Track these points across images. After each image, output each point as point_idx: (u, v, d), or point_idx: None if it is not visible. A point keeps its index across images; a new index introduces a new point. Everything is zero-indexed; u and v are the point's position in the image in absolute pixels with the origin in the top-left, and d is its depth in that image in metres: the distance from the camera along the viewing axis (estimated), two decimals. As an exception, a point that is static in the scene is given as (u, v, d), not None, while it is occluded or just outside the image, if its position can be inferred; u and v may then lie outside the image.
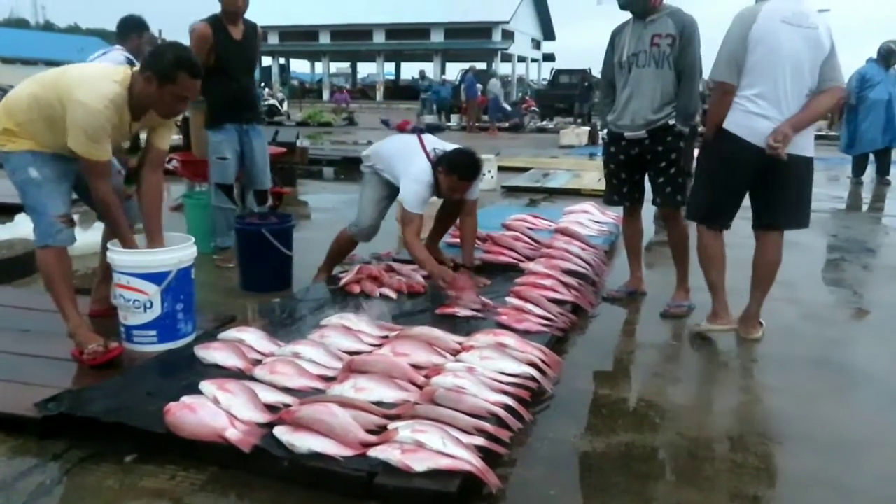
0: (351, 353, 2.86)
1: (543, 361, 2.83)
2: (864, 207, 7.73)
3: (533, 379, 2.70)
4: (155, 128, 3.00)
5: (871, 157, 9.46)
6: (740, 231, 3.67)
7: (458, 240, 4.45)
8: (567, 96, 23.18)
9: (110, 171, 2.89)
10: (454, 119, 20.29)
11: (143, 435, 2.27)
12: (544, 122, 21.28)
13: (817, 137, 3.57)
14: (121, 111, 2.76)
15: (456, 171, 3.65)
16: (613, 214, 5.72)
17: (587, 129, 15.96)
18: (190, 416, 2.23)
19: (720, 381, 3.07)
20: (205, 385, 2.44)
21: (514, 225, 4.98)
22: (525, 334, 3.10)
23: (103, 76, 2.76)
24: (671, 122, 3.62)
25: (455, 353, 2.88)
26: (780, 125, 3.07)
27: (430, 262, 3.70)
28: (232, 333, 3.01)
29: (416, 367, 2.70)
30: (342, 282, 3.89)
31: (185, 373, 2.70)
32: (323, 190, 8.75)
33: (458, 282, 3.61)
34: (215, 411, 2.27)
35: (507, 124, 20.51)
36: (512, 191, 8.34)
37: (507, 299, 3.52)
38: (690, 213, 3.53)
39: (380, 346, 2.97)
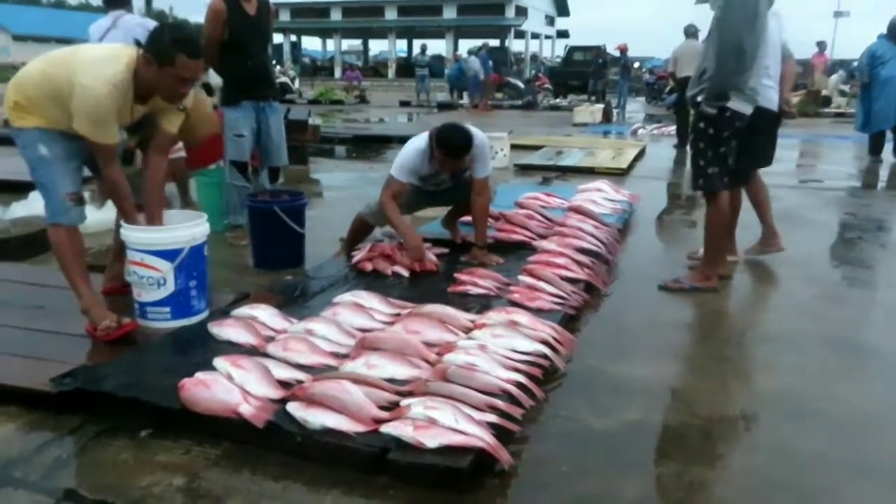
0: (363, 331, 2.87)
1: (556, 339, 2.82)
2: (881, 185, 7.62)
3: (545, 357, 2.69)
4: (163, 111, 2.98)
5: (890, 135, 9.32)
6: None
7: (467, 217, 4.45)
8: (581, 73, 22.97)
9: (118, 154, 2.87)
10: (466, 96, 20.12)
11: (158, 410, 2.29)
12: (558, 100, 21.12)
13: (838, 115, 3.94)
14: (125, 95, 2.73)
15: (441, 146, 3.68)
16: (627, 193, 5.69)
17: (601, 106, 15.81)
18: (204, 392, 2.25)
19: (734, 359, 3.06)
20: (218, 361, 2.46)
21: (527, 203, 4.95)
22: (537, 312, 3.10)
23: (110, 59, 2.71)
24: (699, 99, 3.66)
25: (467, 330, 2.88)
26: (785, 94, 4.04)
27: (405, 227, 3.77)
28: (245, 310, 3.02)
29: (428, 344, 2.70)
30: (354, 260, 3.89)
31: (198, 349, 2.71)
32: (335, 168, 8.74)
33: (416, 252, 3.70)
34: (229, 387, 2.29)
35: (519, 102, 20.37)
36: (525, 169, 8.29)
37: (520, 277, 3.52)
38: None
39: (392, 323, 2.97)
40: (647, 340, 3.20)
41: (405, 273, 3.75)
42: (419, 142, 3.79)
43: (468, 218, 4.53)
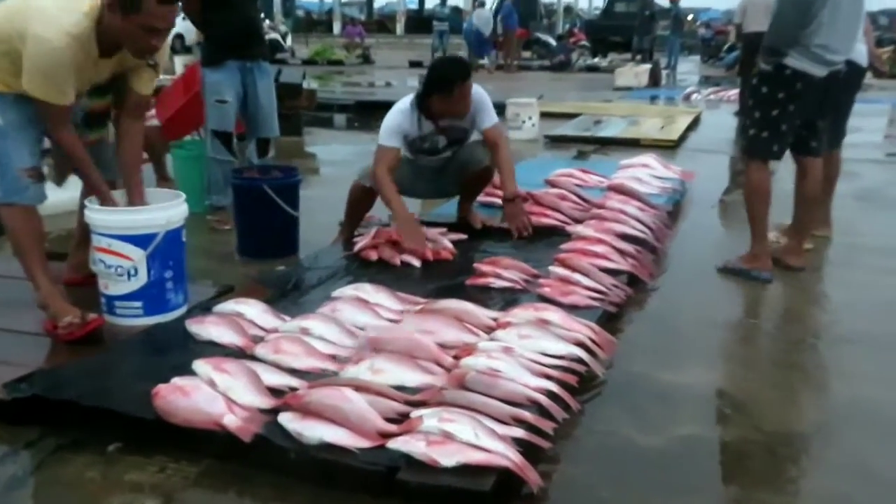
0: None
1: (593, 341, 2.81)
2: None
3: (581, 361, 2.69)
4: (135, 69, 2.98)
5: None
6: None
7: (491, 198, 4.44)
8: (624, 28, 22.68)
9: (69, 117, 2.86)
10: (489, 55, 20.05)
11: (129, 421, 2.31)
12: (596, 60, 21.00)
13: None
14: (86, 48, 2.71)
15: (436, 83, 3.73)
16: (678, 169, 5.65)
17: (648, 67, 15.69)
18: (182, 401, 2.26)
19: (805, 365, 3.04)
20: (198, 365, 2.47)
21: (560, 181, 4.93)
22: (572, 309, 3.09)
23: (69, 6, 2.69)
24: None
25: (489, 330, 2.88)
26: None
27: (398, 203, 3.78)
28: (229, 306, 3.04)
29: (443, 346, 2.70)
30: (357, 247, 3.90)
31: (175, 350, 2.73)
32: (333, 140, 8.77)
33: (412, 238, 3.73)
34: (211, 395, 2.30)
35: (550, 62, 20.28)
36: (557, 141, 8.27)
37: (551, 268, 3.51)
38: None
39: (401, 321, 2.97)
40: (702, 342, 3.19)
41: (416, 263, 3.75)
42: (402, 103, 3.88)
43: (487, 199, 4.54)
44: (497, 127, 4.05)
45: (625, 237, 3.98)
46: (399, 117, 3.84)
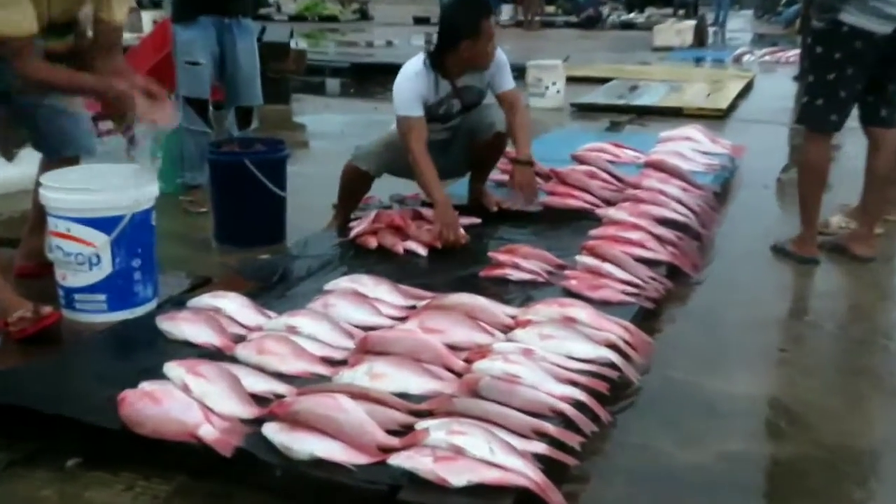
0: (366, 329, 2.88)
1: (627, 342, 2.81)
2: None
3: (612, 366, 2.69)
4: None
5: None
6: None
7: (505, 176, 4.44)
8: (664, -22, 22.66)
9: (33, 50, 2.86)
10: (506, 10, 19.98)
11: (90, 432, 2.32)
12: (631, 15, 20.90)
13: None
14: None
15: (458, 30, 3.74)
16: (727, 143, 5.63)
17: (692, 23, 15.61)
18: (152, 409, 2.27)
19: (873, 369, 3.03)
20: (171, 367, 2.48)
21: (589, 157, 4.92)
22: (602, 305, 3.09)
23: None
24: None
25: (506, 329, 2.89)
26: None
27: (438, 188, 3.81)
28: (206, 300, 3.05)
29: (453, 347, 2.71)
30: (354, 232, 3.91)
31: (144, 351, 2.74)
32: (326, 109, 8.78)
33: (449, 229, 3.74)
34: (185, 402, 2.31)
35: (576, 18, 20.19)
36: (586, 110, 8.25)
37: (578, 258, 3.51)
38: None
39: (405, 319, 2.98)
40: (753, 344, 3.18)
41: (422, 251, 3.76)
42: (413, 65, 3.88)
43: (501, 177, 4.54)
44: (516, 91, 4.08)
45: (664, 222, 3.97)
46: (415, 81, 3.83)
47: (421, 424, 2.24)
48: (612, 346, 2.76)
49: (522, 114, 4.09)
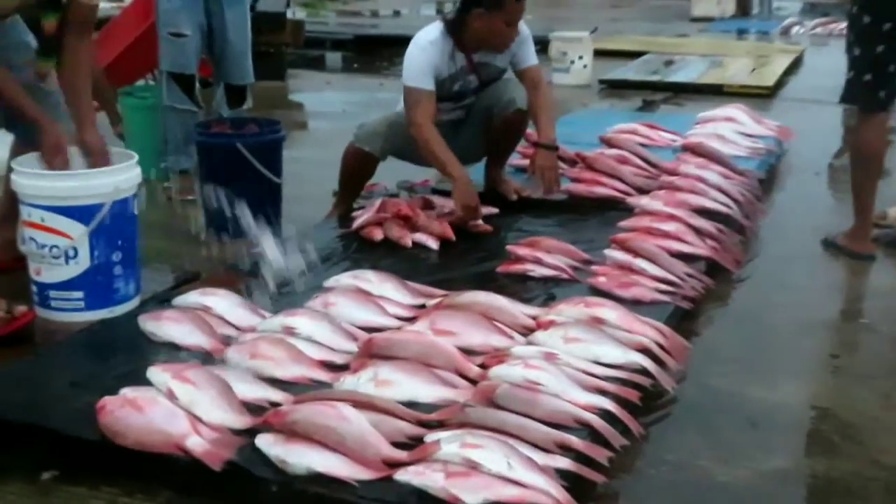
0: (370, 330, 2.89)
1: (661, 346, 2.81)
2: None
3: (645, 372, 2.69)
4: None
5: None
6: None
7: (526, 161, 4.43)
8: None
9: None
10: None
11: (67, 442, 2.34)
12: (667, -19, 20.79)
13: None
14: None
15: None
16: (774, 124, 5.61)
17: (735, -10, 15.52)
18: (134, 418, 2.29)
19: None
20: (155, 372, 2.49)
21: (619, 140, 4.92)
22: (634, 305, 3.09)
23: None
24: None
25: (527, 331, 2.89)
26: None
27: (455, 162, 3.81)
28: (194, 298, 3.07)
29: (467, 351, 2.71)
30: (357, 223, 3.92)
31: (125, 354, 2.76)
32: (326, 86, 8.77)
33: (468, 209, 3.78)
34: (171, 411, 2.32)
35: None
36: (615, 87, 8.23)
37: (607, 252, 3.51)
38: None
39: (413, 319, 2.99)
40: (801, 349, 3.18)
41: (433, 244, 3.77)
42: (428, 33, 3.89)
43: (522, 162, 4.54)
44: (539, 67, 4.10)
45: (703, 212, 3.97)
46: (429, 51, 3.85)
47: (431, 436, 2.25)
48: (645, 351, 2.76)
49: (546, 93, 4.09)
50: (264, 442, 2.23)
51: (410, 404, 2.43)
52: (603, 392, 2.52)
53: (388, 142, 4.01)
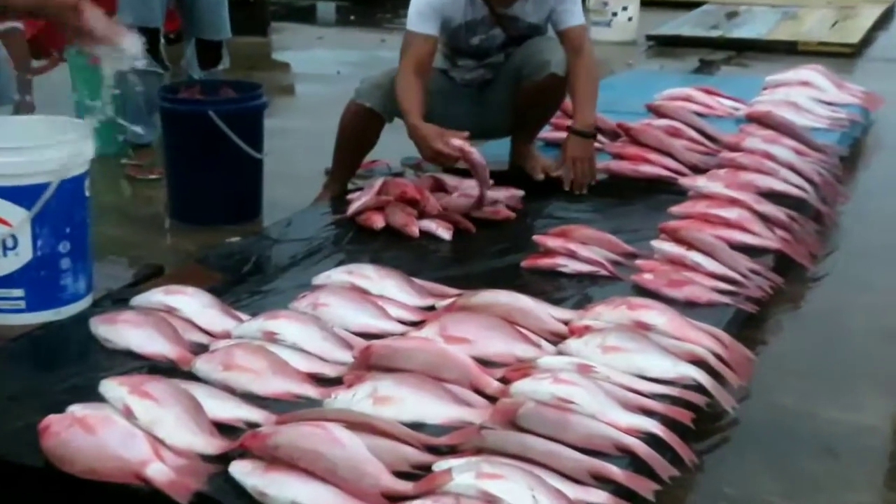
0: (368, 337, 2.89)
1: (719, 357, 2.81)
2: None
3: (700, 389, 2.69)
4: None
5: None
6: None
7: (558, 135, 4.43)
8: None
9: None
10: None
11: (4, 469, 2.33)
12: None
13: None
14: None
15: None
16: (859, 90, 5.58)
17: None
18: (84, 440, 2.28)
19: None
20: (110, 386, 2.49)
21: (671, 108, 4.92)
22: (688, 308, 3.10)
23: None
24: None
25: (557, 338, 2.90)
26: None
27: (415, 111, 3.79)
28: (157, 297, 3.07)
29: (484, 362, 2.71)
30: (353, 207, 3.92)
31: (74, 364, 2.77)
32: (317, 43, 8.78)
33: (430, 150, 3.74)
34: (128, 432, 2.31)
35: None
36: (666, 45, 8.24)
37: (655, 243, 3.51)
38: None
39: (420, 323, 2.99)
40: (886, 360, 3.17)
41: (444, 233, 3.78)
42: None
43: (555, 135, 4.53)
44: (584, 29, 4.09)
45: (772, 196, 3.97)
46: None
47: (441, 465, 2.24)
48: (700, 363, 2.76)
49: (589, 63, 4.07)
50: (240, 470, 2.22)
51: (416, 426, 2.43)
52: (648, 412, 2.52)
53: (392, 97, 3.99)
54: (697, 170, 4.29)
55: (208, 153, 4.12)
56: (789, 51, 7.69)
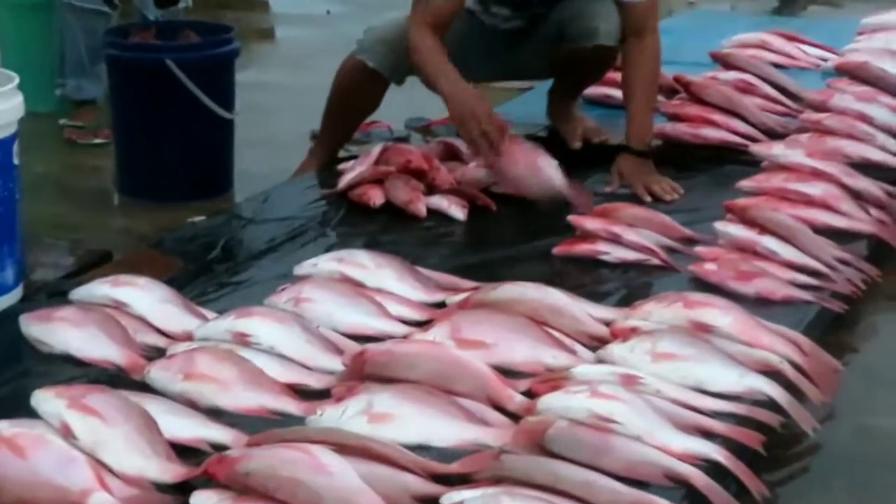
0: (363, 340, 2.91)
1: (797, 368, 2.82)
2: None
3: (773, 406, 2.69)
4: None
5: None
6: None
7: (610, 90, 4.43)
8: None
9: None
10: None
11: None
12: None
13: None
14: None
15: None
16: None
17: None
18: (13, 465, 2.28)
19: None
20: (44, 398, 2.51)
21: (741, 58, 4.93)
22: (759, 305, 3.11)
23: None
24: None
25: (596, 342, 2.91)
26: None
27: (448, 74, 3.79)
28: (102, 290, 3.09)
29: (505, 372, 2.73)
30: (345, 179, 3.94)
31: (0, 371, 2.78)
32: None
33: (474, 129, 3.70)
34: (66, 455, 2.32)
35: None
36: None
37: (719, 226, 3.52)
38: None
39: (427, 323, 3.01)
40: None
41: (458, 213, 3.80)
42: None
43: (603, 90, 4.53)
44: (654, 5, 4.08)
45: (866, 167, 3.98)
46: None
47: (451, 497, 2.26)
48: (773, 374, 2.76)
49: (651, 51, 4.05)
50: (203, 501, 2.23)
51: (421, 449, 2.43)
52: (708, 434, 2.53)
53: (404, 56, 4.01)
54: (774, 135, 4.29)
55: (166, 112, 4.13)
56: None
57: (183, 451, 2.42)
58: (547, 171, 3.72)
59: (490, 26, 3.99)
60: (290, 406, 2.64)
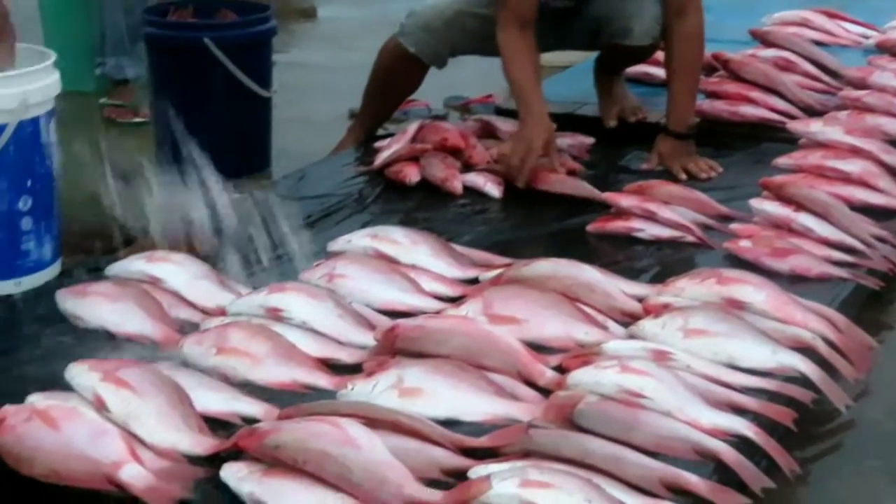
0: (395, 315, 2.92)
1: (832, 344, 2.80)
2: None
3: (806, 382, 2.68)
4: None
5: None
6: None
7: (651, 68, 4.41)
8: None
9: None
10: None
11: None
12: None
13: None
14: None
15: None
16: None
17: None
18: (46, 437, 2.31)
19: None
20: (78, 372, 2.53)
21: (781, 36, 4.91)
22: (794, 282, 3.10)
23: None
24: None
25: (629, 318, 2.91)
26: None
27: (533, 93, 3.80)
28: (138, 265, 3.12)
29: (536, 347, 2.73)
30: (382, 157, 3.95)
31: (35, 343, 2.81)
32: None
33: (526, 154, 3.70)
34: (99, 428, 2.34)
35: None
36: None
37: (754, 203, 3.51)
38: None
39: (460, 299, 3.02)
40: None
41: (494, 191, 3.81)
42: None
43: (640, 69, 4.52)
44: None
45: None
46: None
47: (479, 470, 2.25)
48: (807, 350, 2.76)
49: (694, 34, 4.03)
50: (233, 474, 2.24)
51: (451, 423, 2.44)
52: (739, 410, 2.52)
53: (446, 43, 4.02)
54: (812, 112, 4.28)
55: (204, 90, 4.14)
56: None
57: (215, 424, 2.44)
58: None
59: (542, 3, 3.98)
60: (322, 380, 2.66)
